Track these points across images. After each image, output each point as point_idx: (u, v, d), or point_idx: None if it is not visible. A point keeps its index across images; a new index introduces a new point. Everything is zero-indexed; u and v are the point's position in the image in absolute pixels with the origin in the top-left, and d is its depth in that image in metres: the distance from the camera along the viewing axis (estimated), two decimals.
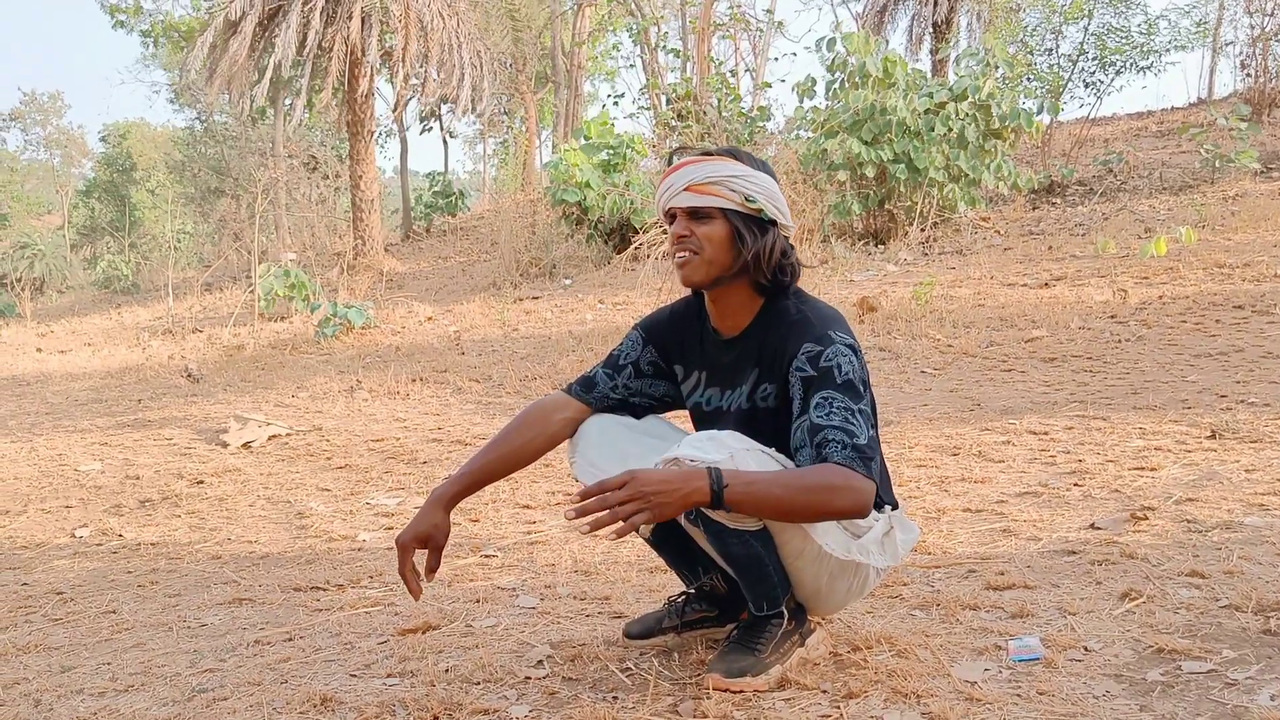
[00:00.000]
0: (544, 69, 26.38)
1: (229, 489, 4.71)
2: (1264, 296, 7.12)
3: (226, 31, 16.21)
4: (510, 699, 2.18)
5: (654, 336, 2.37)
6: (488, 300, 11.76)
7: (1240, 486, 3.46)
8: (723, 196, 2.14)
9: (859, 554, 2.12)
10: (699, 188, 2.14)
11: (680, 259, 2.17)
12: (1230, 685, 2.02)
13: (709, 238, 2.14)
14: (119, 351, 11.69)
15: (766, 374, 2.17)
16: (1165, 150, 15.12)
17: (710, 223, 2.15)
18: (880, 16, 21.65)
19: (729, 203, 2.14)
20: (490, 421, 5.94)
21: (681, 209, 2.17)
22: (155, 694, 2.36)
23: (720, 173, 2.14)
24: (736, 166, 2.16)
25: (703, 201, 2.14)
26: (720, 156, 2.17)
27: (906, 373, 6.32)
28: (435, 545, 2.22)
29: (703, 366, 2.30)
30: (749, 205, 2.14)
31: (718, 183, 2.14)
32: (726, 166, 2.15)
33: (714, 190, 2.14)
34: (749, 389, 2.19)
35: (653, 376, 2.37)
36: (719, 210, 2.15)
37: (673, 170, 2.20)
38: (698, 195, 2.14)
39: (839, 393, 2.02)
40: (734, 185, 2.14)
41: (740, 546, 2.05)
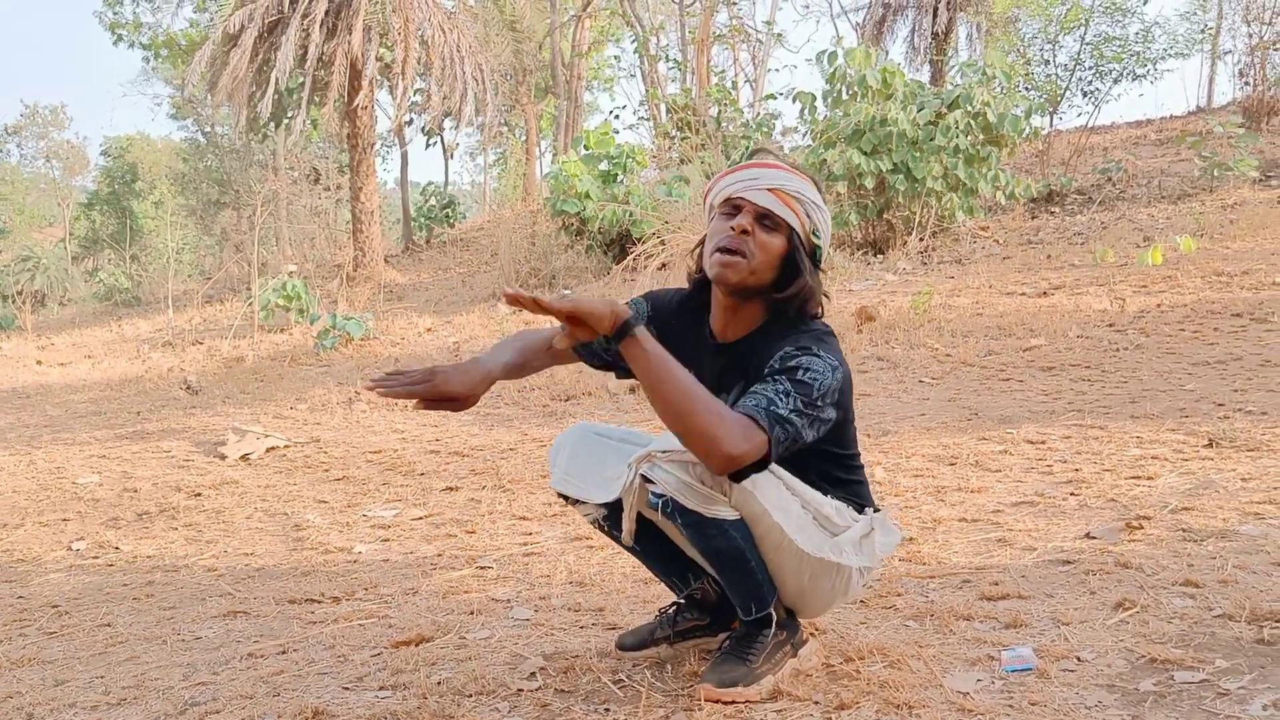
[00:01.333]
0: (544, 80, 26.44)
1: (226, 501, 4.71)
2: (1262, 304, 7.12)
3: (226, 44, 16.26)
4: (502, 711, 2.18)
5: (657, 314, 2.34)
6: (487, 311, 11.77)
7: (1236, 495, 3.45)
8: (798, 215, 2.10)
9: (832, 553, 2.12)
10: (783, 195, 2.09)
11: (726, 257, 2.09)
12: (1223, 695, 2.01)
13: (766, 248, 2.09)
14: (119, 364, 11.70)
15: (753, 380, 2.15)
16: (1164, 159, 15.14)
17: (774, 234, 2.10)
18: (879, 27, 21.69)
19: (799, 226, 2.10)
20: (489, 433, 5.95)
21: (755, 206, 2.09)
22: (148, 707, 2.36)
23: (806, 193, 2.11)
24: (817, 195, 2.13)
25: (781, 210, 2.09)
26: (805, 176, 2.14)
27: (905, 382, 6.32)
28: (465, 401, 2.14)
29: (691, 363, 2.27)
30: (812, 239, 2.12)
31: (800, 201, 2.10)
32: (812, 191, 2.12)
33: (794, 205, 2.10)
34: (734, 398, 2.17)
35: None
36: (788, 226, 2.10)
37: (756, 165, 2.13)
38: (779, 201, 2.09)
39: (788, 381, 1.96)
40: (811, 211, 2.11)
41: (721, 539, 2.06)
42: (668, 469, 2.01)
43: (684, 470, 2.00)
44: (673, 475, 2.00)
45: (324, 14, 16.06)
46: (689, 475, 2.00)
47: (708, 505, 2.02)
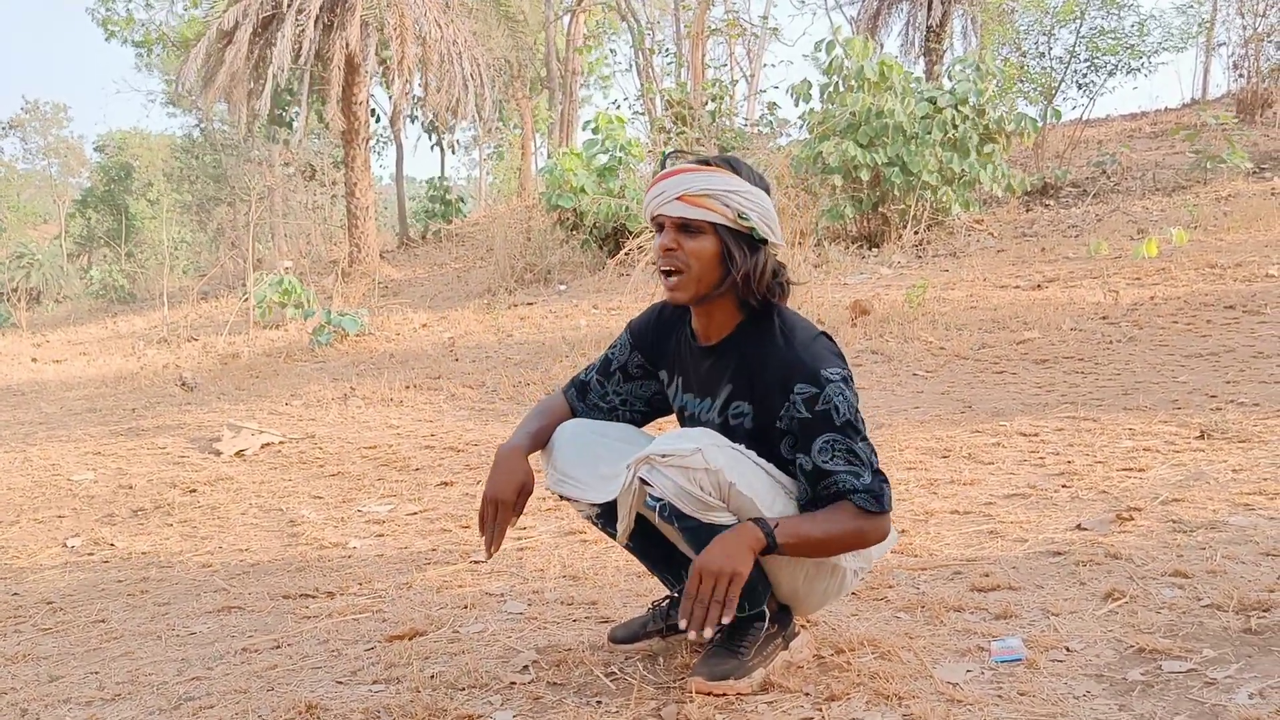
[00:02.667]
0: (539, 75, 26.42)
1: (222, 497, 4.72)
2: (1255, 296, 7.14)
3: (220, 41, 16.22)
4: (495, 704, 2.19)
5: (639, 340, 2.39)
6: (482, 306, 11.77)
7: (1227, 486, 3.47)
8: (715, 210, 2.07)
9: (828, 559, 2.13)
10: (692, 199, 2.07)
11: (668, 276, 2.11)
12: (1210, 684, 2.03)
13: (697, 254, 2.08)
14: (114, 360, 11.70)
15: (742, 392, 2.15)
16: (1159, 151, 15.16)
17: (700, 237, 2.09)
18: (874, 21, 21.70)
19: (721, 218, 2.07)
20: (484, 428, 5.95)
21: (671, 219, 2.10)
22: (142, 703, 2.36)
23: (715, 185, 2.07)
24: (733, 180, 2.08)
25: (694, 214, 2.07)
26: (717, 167, 2.10)
27: (899, 375, 6.33)
28: (526, 493, 2.25)
29: (681, 371, 2.30)
30: (741, 222, 2.08)
31: (712, 195, 2.07)
32: (722, 179, 2.08)
33: (707, 203, 2.07)
34: (721, 403, 2.18)
35: (641, 379, 2.39)
36: (710, 225, 2.08)
37: (665, 175, 2.12)
38: (689, 206, 2.07)
39: (839, 434, 2.02)
40: (728, 200, 2.07)
41: None
42: (667, 474, 2.00)
43: (683, 476, 1.99)
44: (671, 481, 2.00)
45: (319, 9, 16.03)
46: (688, 481, 1.99)
47: (706, 512, 2.02)
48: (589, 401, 2.40)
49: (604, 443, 2.26)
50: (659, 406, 2.40)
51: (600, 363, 2.42)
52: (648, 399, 2.39)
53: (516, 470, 2.24)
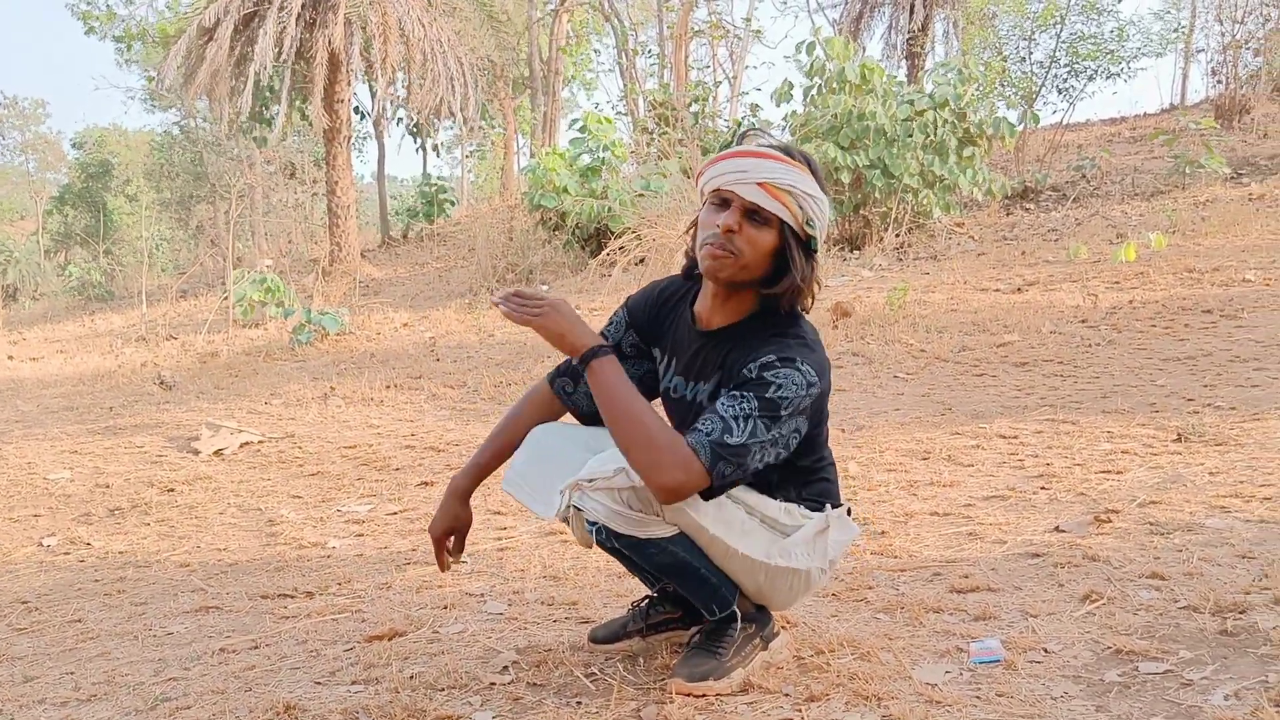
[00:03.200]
0: (522, 75, 26.38)
1: (200, 496, 4.69)
2: (1232, 301, 7.20)
3: (202, 37, 16.11)
4: (474, 705, 2.19)
5: (636, 318, 2.35)
6: (464, 306, 11.74)
7: (1203, 489, 3.50)
8: (790, 209, 2.02)
9: (781, 558, 2.12)
10: (772, 189, 2.00)
11: (716, 252, 2.04)
12: (1186, 685, 2.04)
13: (755, 244, 2.03)
14: (92, 359, 11.61)
15: (728, 379, 2.12)
16: (1138, 156, 15.27)
17: (764, 229, 2.03)
18: (856, 24, 21.76)
19: (791, 218, 2.03)
20: (464, 428, 5.94)
21: (744, 201, 2.02)
22: (118, 703, 2.35)
23: (799, 184, 2.02)
24: (811, 183, 2.04)
25: (771, 206, 2.01)
26: (799, 163, 2.04)
27: (879, 377, 6.35)
28: (460, 534, 2.34)
29: (674, 352, 2.26)
30: (806, 229, 2.05)
31: (792, 194, 2.01)
32: (805, 179, 2.03)
33: (785, 199, 2.01)
34: (710, 389, 2.15)
35: (635, 358, 2.35)
36: (778, 220, 2.03)
37: (747, 154, 2.04)
38: (768, 196, 2.01)
39: (755, 399, 1.95)
40: (805, 203, 2.02)
41: (661, 555, 2.06)
42: (595, 498, 1.99)
43: (611, 498, 1.98)
44: (601, 504, 1.99)
45: (301, 6, 15.94)
46: (617, 503, 1.98)
47: (641, 528, 2.01)
48: (579, 394, 2.34)
49: (568, 452, 2.18)
50: (651, 387, 2.34)
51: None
52: (640, 378, 2.33)
53: (449, 512, 2.32)
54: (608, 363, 1.99)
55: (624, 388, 1.98)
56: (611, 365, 2.00)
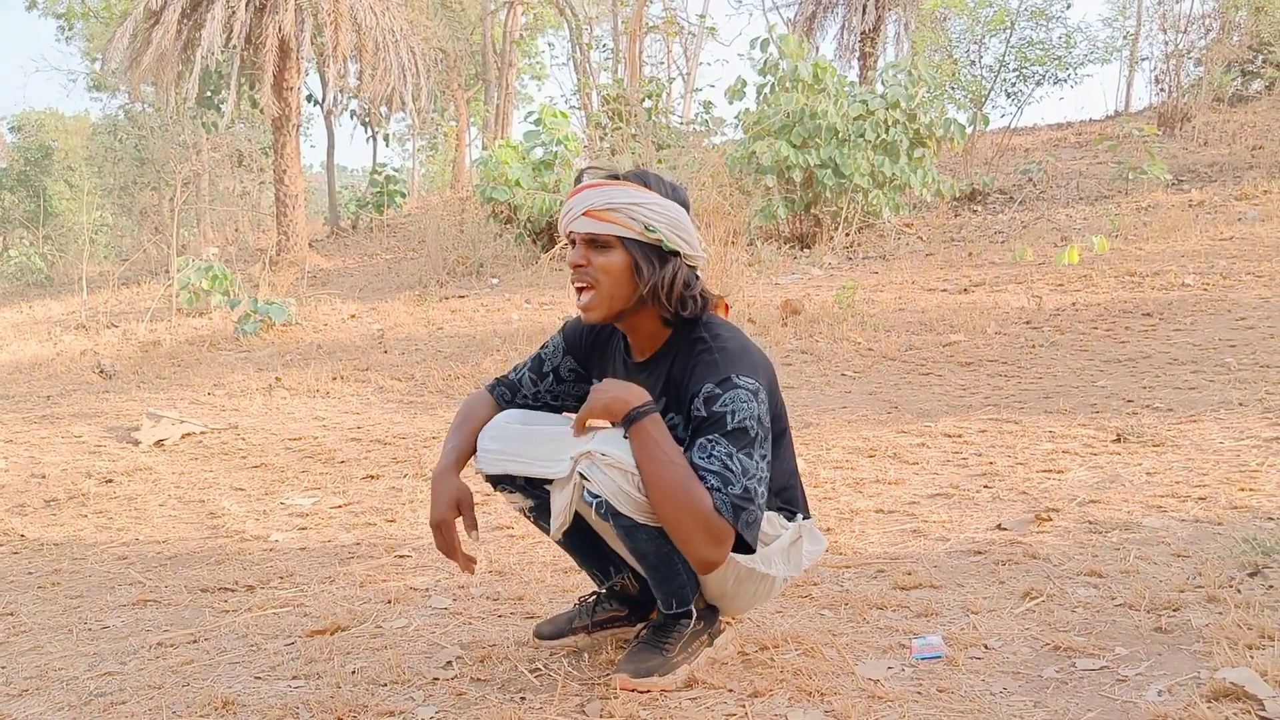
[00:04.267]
0: (475, 67, 26.21)
1: (139, 488, 4.60)
2: (1172, 305, 7.35)
3: (148, 21, 15.80)
4: (417, 700, 2.17)
5: (572, 346, 2.37)
6: (413, 299, 11.64)
7: (1141, 489, 3.56)
8: (621, 225, 2.07)
9: (761, 564, 2.13)
10: (597, 214, 2.08)
11: (581, 293, 2.12)
12: (1121, 681, 2.08)
13: (606, 269, 2.09)
14: (29, 346, 11.34)
15: (673, 404, 2.14)
16: (1083, 161, 15.53)
17: (608, 252, 2.09)
18: (810, 24, 21.91)
19: (628, 231, 2.07)
20: (412, 421, 5.89)
21: (580, 235, 2.11)
22: (50, 698, 2.30)
23: (620, 199, 2.07)
24: (640, 193, 2.09)
25: (600, 229, 2.08)
26: (625, 181, 2.10)
27: (827, 375, 6.40)
28: (468, 505, 2.22)
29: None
30: (649, 235, 2.08)
31: (617, 209, 2.07)
32: (628, 193, 2.08)
33: (612, 218, 2.07)
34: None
35: (573, 381, 2.38)
36: (618, 239, 2.08)
37: (575, 192, 2.13)
38: (595, 222, 2.08)
39: (724, 439, 1.96)
40: (634, 213, 2.07)
41: (649, 543, 2.06)
42: (606, 474, 1.99)
43: (624, 479, 1.98)
44: (610, 480, 1.99)
45: None
46: (626, 483, 1.98)
47: (642, 513, 2.01)
48: (517, 402, 2.37)
49: (539, 431, 2.19)
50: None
51: (532, 362, 2.40)
52: (579, 398, 2.38)
53: (448, 489, 2.22)
54: (650, 422, 1.99)
55: (666, 449, 1.97)
56: (654, 423, 2.00)
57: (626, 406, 2.00)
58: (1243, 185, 12.02)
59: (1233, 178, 12.71)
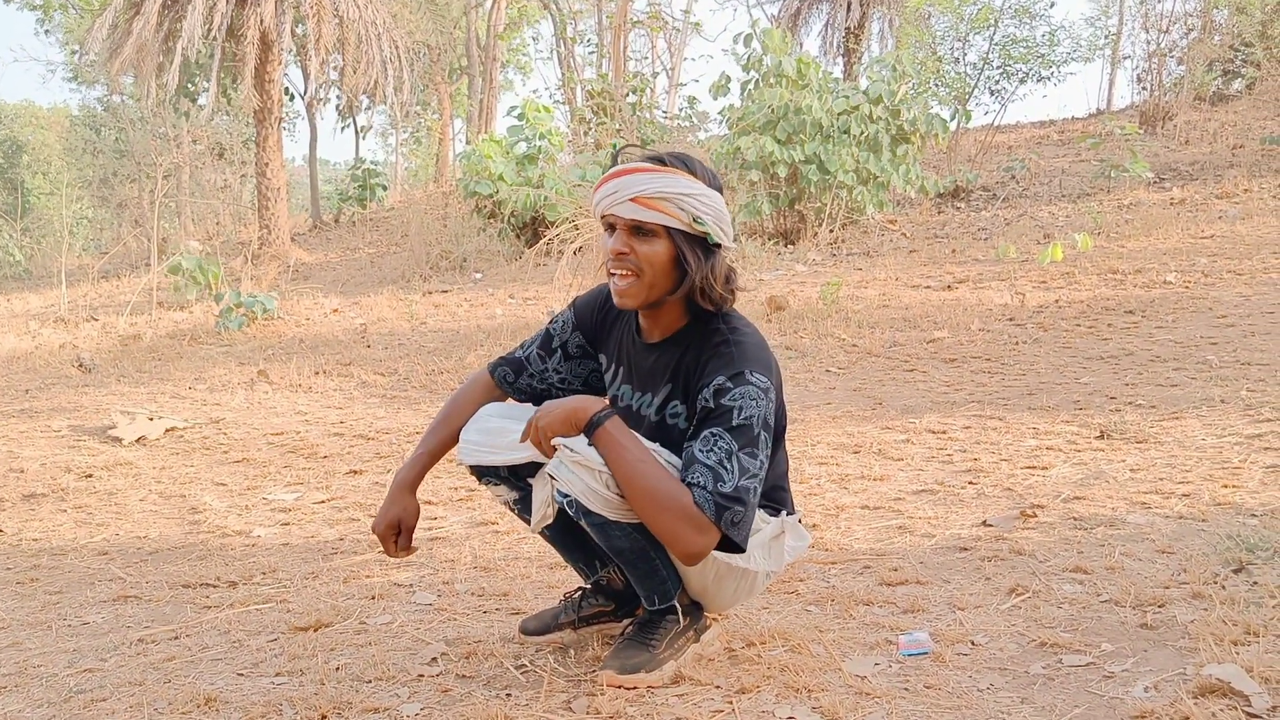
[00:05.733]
0: (459, 60, 26.11)
1: (120, 483, 4.56)
2: (1154, 302, 7.38)
3: (129, 11, 15.67)
4: (402, 697, 2.15)
5: (582, 320, 2.35)
6: (396, 293, 11.60)
7: (1125, 485, 3.57)
8: (671, 215, 2.01)
9: (739, 559, 2.12)
10: (647, 201, 2.01)
11: (619, 281, 2.06)
12: (1108, 677, 2.08)
13: (650, 259, 2.04)
14: (7, 340, 11.23)
15: (679, 392, 2.13)
16: (1065, 159, 15.60)
17: (653, 241, 2.04)
18: (794, 20, 21.93)
19: (676, 222, 2.02)
20: (395, 415, 5.86)
21: (624, 221, 2.04)
22: (29, 695, 2.27)
23: (671, 188, 2.01)
24: (689, 182, 2.03)
25: (648, 217, 2.01)
26: (673, 169, 2.04)
27: (812, 371, 6.40)
28: (407, 527, 2.27)
29: (621, 361, 2.27)
30: (696, 227, 2.03)
31: (668, 199, 2.01)
32: (680, 182, 2.02)
33: (661, 206, 2.01)
34: (661, 400, 2.16)
35: (580, 358, 2.36)
36: (663, 228, 2.03)
37: (618, 173, 2.05)
38: (643, 209, 2.01)
39: (728, 434, 1.94)
40: (683, 204, 2.02)
41: (624, 539, 2.05)
42: (575, 472, 1.97)
43: (592, 477, 1.97)
44: (579, 479, 1.97)
45: None
46: (597, 482, 1.97)
47: (612, 510, 2.00)
48: (520, 383, 2.35)
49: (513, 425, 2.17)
50: (596, 386, 2.37)
51: (541, 338, 2.38)
52: (585, 378, 2.37)
53: (392, 507, 2.27)
54: (612, 425, 1.97)
55: (634, 450, 1.96)
56: (616, 426, 1.98)
57: (586, 414, 1.97)
58: (1223, 183, 12.10)
59: (1214, 176, 12.79)
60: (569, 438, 1.99)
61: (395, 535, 2.27)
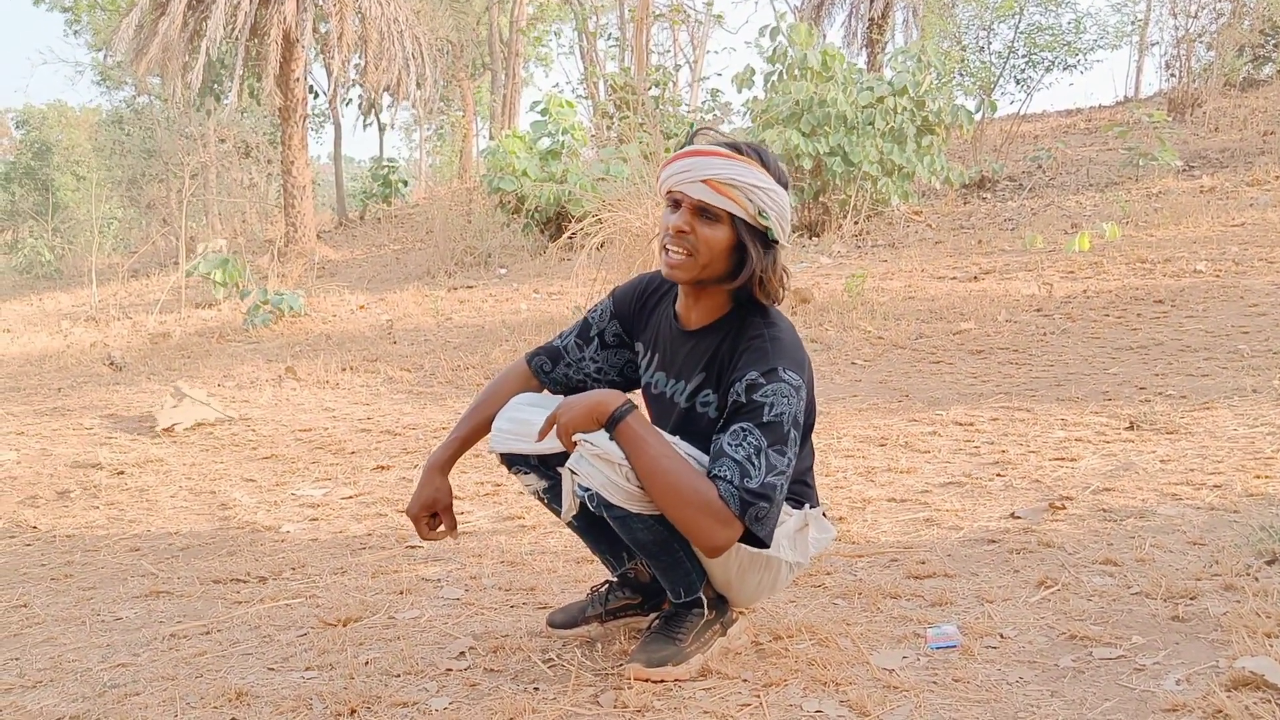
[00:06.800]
0: (481, 56, 26.15)
1: (150, 479, 4.60)
2: (1183, 292, 7.31)
3: (154, 12, 15.80)
4: (430, 691, 2.16)
5: (621, 309, 2.36)
6: (421, 289, 11.64)
7: (1155, 476, 3.54)
8: (738, 203, 2.02)
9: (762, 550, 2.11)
10: (718, 185, 2.01)
11: (674, 255, 2.06)
12: (1139, 670, 2.07)
13: (709, 242, 2.04)
14: (39, 338, 11.37)
15: (711, 381, 2.13)
16: (1092, 147, 15.45)
17: (716, 226, 2.04)
18: (817, 11, 21.78)
19: (742, 211, 2.03)
20: (421, 411, 5.89)
21: (691, 200, 2.05)
22: (64, 689, 2.30)
23: (744, 178, 2.01)
24: (760, 175, 2.03)
25: (717, 201, 2.02)
26: (748, 158, 2.04)
27: (837, 364, 6.38)
28: (443, 507, 2.31)
29: (657, 349, 2.28)
30: (760, 220, 2.04)
31: (738, 188, 2.01)
32: (752, 172, 2.03)
33: (731, 193, 2.01)
34: (692, 388, 2.16)
35: (616, 347, 2.37)
36: (728, 215, 2.04)
37: (694, 153, 2.05)
38: (713, 193, 2.02)
39: (757, 430, 1.95)
40: (752, 195, 2.02)
41: (646, 532, 2.05)
42: (594, 465, 1.98)
43: (611, 470, 1.97)
44: (599, 472, 1.98)
45: None
46: (614, 473, 1.97)
47: (633, 502, 2.00)
48: (557, 373, 2.37)
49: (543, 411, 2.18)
50: (631, 377, 2.38)
51: (579, 327, 2.39)
52: (620, 368, 2.38)
53: (426, 489, 2.30)
54: (634, 420, 1.97)
55: (655, 444, 1.96)
56: (638, 421, 1.98)
57: (607, 409, 1.97)
58: (1254, 171, 11.95)
59: (1244, 163, 12.63)
60: (590, 432, 1.99)
61: (428, 517, 2.30)
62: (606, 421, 1.97)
